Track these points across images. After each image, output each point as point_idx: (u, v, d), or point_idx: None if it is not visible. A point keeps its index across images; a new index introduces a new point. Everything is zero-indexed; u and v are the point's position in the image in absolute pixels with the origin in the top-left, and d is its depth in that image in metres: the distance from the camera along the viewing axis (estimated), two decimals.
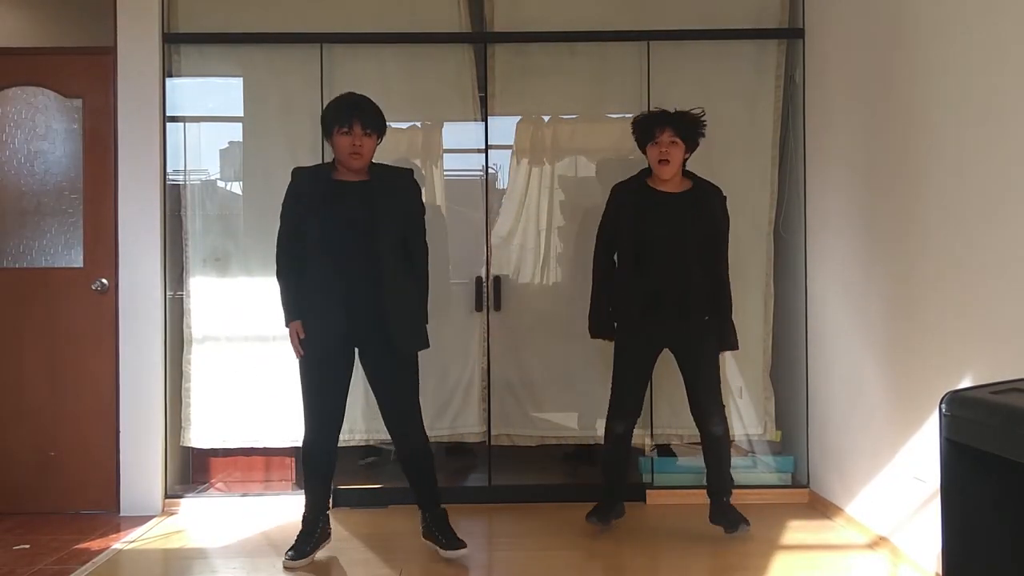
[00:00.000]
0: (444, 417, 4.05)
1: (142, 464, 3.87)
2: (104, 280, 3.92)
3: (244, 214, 4.11)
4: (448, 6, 4.09)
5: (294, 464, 4.13)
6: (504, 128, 4.15)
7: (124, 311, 3.88)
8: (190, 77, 4.07)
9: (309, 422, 3.21)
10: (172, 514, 3.87)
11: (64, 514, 3.86)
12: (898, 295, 3.16)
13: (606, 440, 3.49)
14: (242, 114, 4.11)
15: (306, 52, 4.03)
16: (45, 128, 3.98)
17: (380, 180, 3.18)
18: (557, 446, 4.22)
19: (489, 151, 4.09)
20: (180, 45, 4.03)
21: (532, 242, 4.14)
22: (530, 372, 4.11)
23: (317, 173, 3.25)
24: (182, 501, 3.93)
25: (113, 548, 3.42)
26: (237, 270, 4.06)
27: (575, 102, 4.17)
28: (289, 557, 3.19)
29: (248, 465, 4.16)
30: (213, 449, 4.09)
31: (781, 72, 4.10)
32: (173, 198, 4.04)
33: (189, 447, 4.06)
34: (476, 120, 4.10)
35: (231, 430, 4.03)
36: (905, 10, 3.10)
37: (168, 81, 4.00)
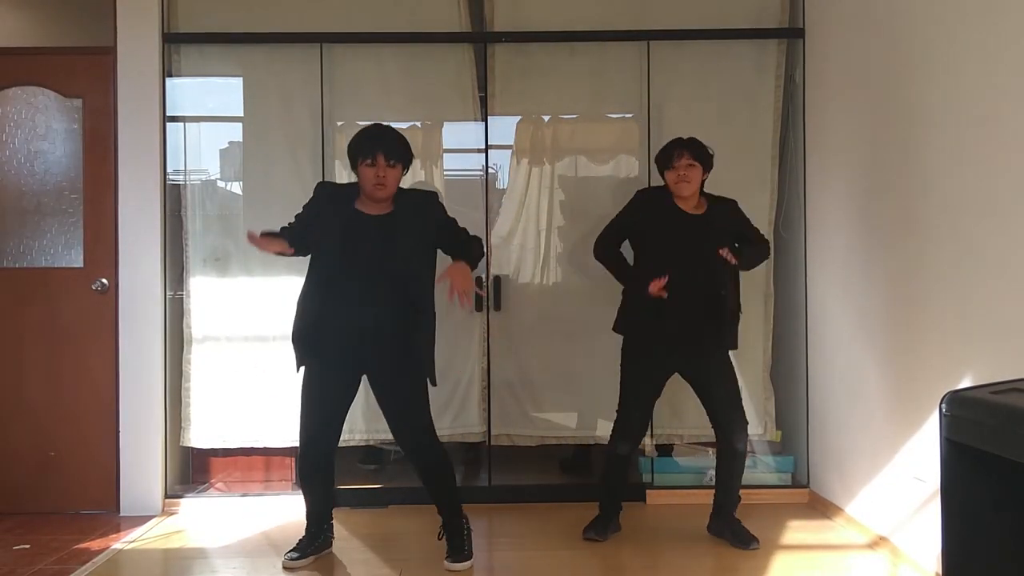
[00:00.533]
0: (444, 417, 4.04)
1: (142, 464, 3.87)
2: (104, 280, 3.92)
3: (244, 214, 4.11)
4: (448, 6, 4.09)
5: (294, 464, 4.13)
6: (504, 128, 4.15)
7: (124, 311, 3.88)
8: (190, 77, 4.08)
9: (302, 435, 3.18)
10: (172, 514, 3.87)
11: (64, 514, 3.86)
12: (898, 295, 3.17)
13: (609, 458, 3.46)
14: (242, 114, 4.12)
15: (306, 52, 4.03)
16: (45, 128, 3.98)
17: (403, 211, 3.11)
18: (557, 447, 4.21)
19: (489, 151, 4.09)
20: (180, 45, 4.03)
21: (532, 242, 4.14)
22: (530, 372, 4.11)
23: (342, 196, 3.15)
24: (182, 501, 3.93)
25: (113, 548, 3.42)
26: (237, 270, 4.06)
27: (575, 102, 4.17)
28: (291, 558, 3.19)
29: (248, 465, 4.16)
30: (213, 449, 4.09)
31: (781, 72, 4.11)
32: (173, 198, 4.04)
33: (189, 447, 4.06)
34: (476, 120, 4.10)
35: (231, 430, 4.03)
36: (905, 10, 3.10)
37: (168, 81, 4.00)
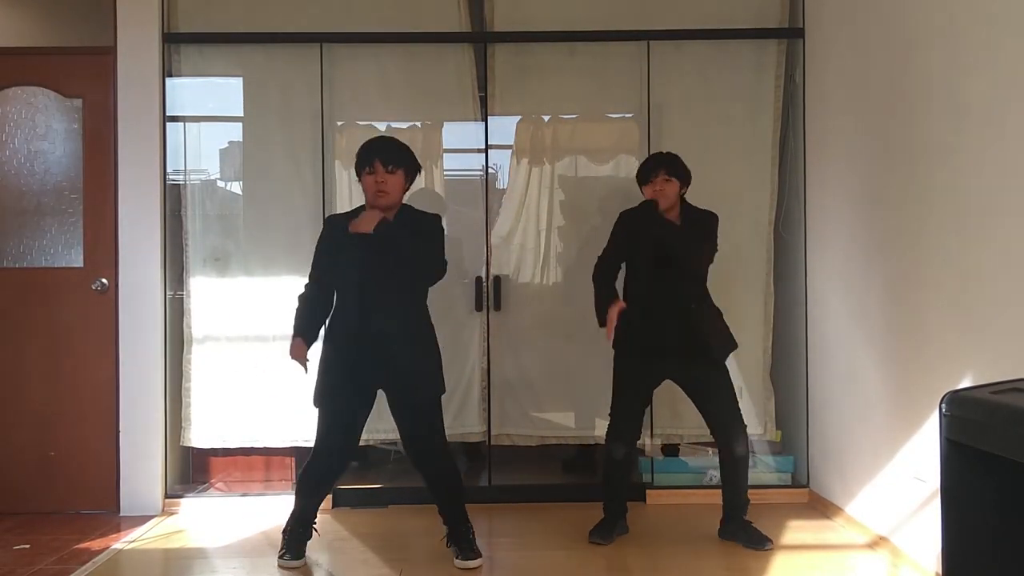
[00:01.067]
0: (444, 417, 4.03)
1: (142, 464, 3.87)
2: (104, 280, 3.92)
3: (244, 214, 4.11)
4: (448, 6, 4.09)
5: (294, 464, 4.14)
6: (504, 128, 4.15)
7: (124, 311, 3.88)
8: (190, 77, 4.08)
9: (318, 447, 3.16)
10: (172, 514, 3.88)
11: (64, 514, 3.86)
12: (898, 295, 3.17)
13: (607, 461, 3.46)
14: (242, 114, 4.12)
15: (306, 52, 4.03)
16: (45, 128, 3.98)
17: (400, 224, 3.09)
18: (557, 447, 4.21)
19: (489, 151, 4.09)
20: (180, 45, 4.03)
21: (532, 242, 4.14)
22: (530, 372, 4.11)
23: (345, 222, 3.13)
24: (182, 501, 3.93)
25: (113, 548, 3.42)
26: (237, 270, 4.06)
27: (575, 102, 4.17)
28: (288, 559, 3.18)
29: (248, 465, 4.17)
30: (213, 449, 4.10)
31: (781, 72, 4.11)
32: (173, 198, 4.04)
33: (189, 447, 4.06)
34: (476, 120, 4.10)
35: (231, 430, 4.03)
36: (905, 10, 3.10)
37: (168, 81, 4.00)
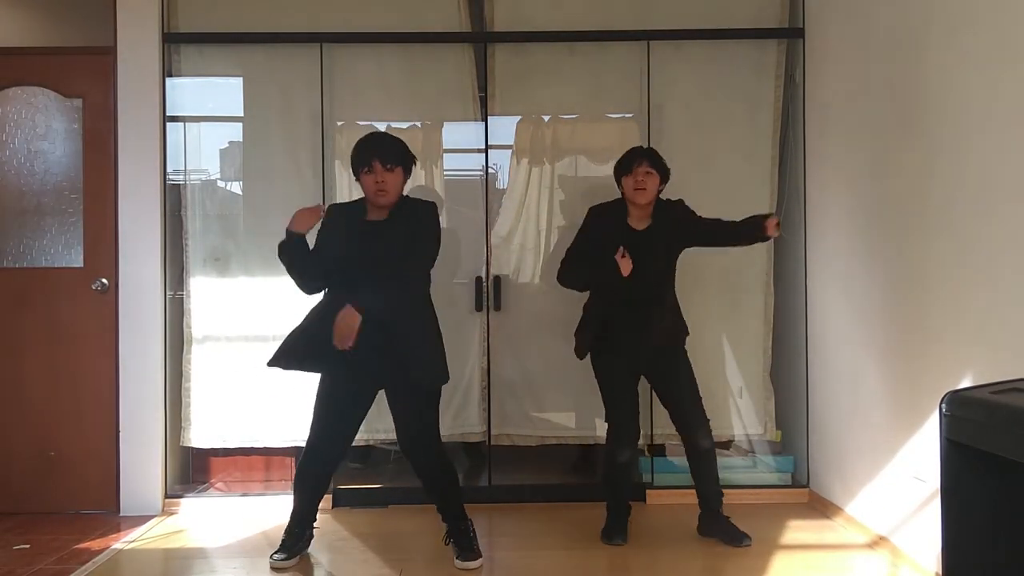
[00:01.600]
0: (444, 417, 4.01)
1: (142, 464, 3.87)
2: (104, 280, 3.92)
3: (244, 214, 4.11)
4: (448, 6, 4.09)
5: (294, 464, 4.13)
6: (504, 128, 4.14)
7: (124, 311, 3.88)
8: (190, 77, 4.08)
9: (311, 441, 3.19)
10: (172, 514, 3.88)
11: (64, 514, 3.86)
12: (898, 295, 3.17)
13: (610, 463, 3.44)
14: (242, 114, 4.12)
15: (306, 52, 4.03)
16: (45, 128, 3.98)
17: (399, 216, 3.11)
18: (557, 447, 4.21)
19: (489, 151, 4.09)
20: (180, 45, 4.03)
21: (532, 242, 4.14)
22: (530, 372, 4.11)
23: (350, 211, 3.18)
24: (182, 501, 3.93)
25: (113, 548, 3.42)
26: (237, 270, 4.06)
27: (575, 102, 4.17)
28: (279, 559, 3.17)
29: (248, 465, 4.16)
30: (213, 449, 4.09)
31: (781, 72, 4.11)
32: (173, 198, 4.04)
33: (189, 447, 4.06)
34: (476, 120, 4.10)
35: (231, 430, 4.03)
36: (905, 10, 3.10)
37: (168, 81, 4.00)
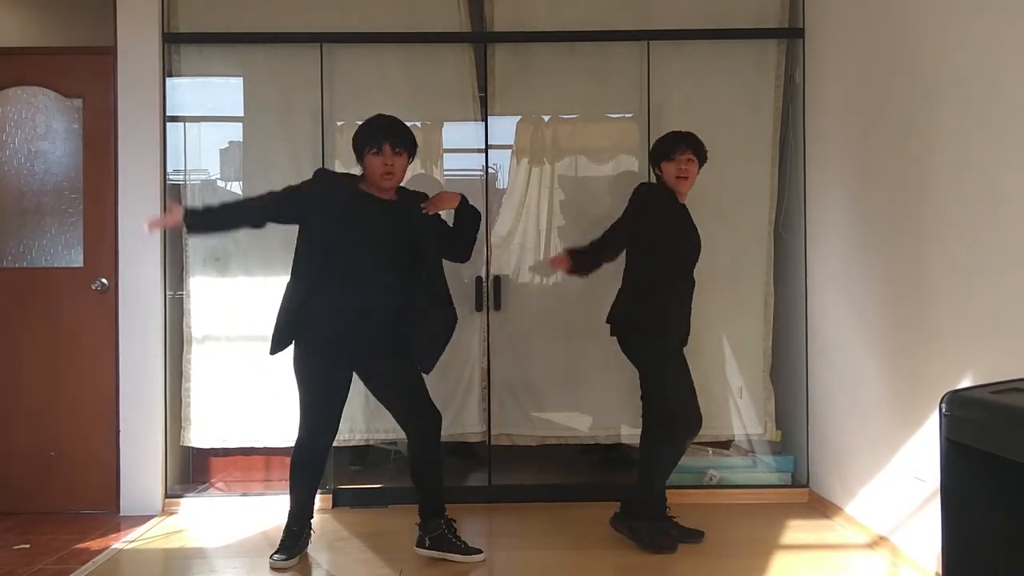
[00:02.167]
0: (444, 417, 4.02)
1: (142, 464, 3.87)
2: (104, 280, 3.92)
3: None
4: (448, 6, 4.09)
5: None
6: (504, 128, 4.14)
7: (124, 311, 3.88)
8: (190, 77, 4.08)
9: (307, 425, 3.21)
10: (172, 514, 3.87)
11: (64, 514, 3.86)
12: (898, 295, 3.17)
13: (670, 456, 3.36)
14: (242, 114, 4.11)
15: (306, 52, 4.03)
16: (45, 128, 3.98)
17: (405, 201, 3.20)
18: (557, 447, 4.21)
19: (489, 151, 4.08)
20: (180, 45, 4.03)
21: (532, 242, 4.14)
22: (530, 372, 4.10)
23: (343, 181, 3.21)
24: (182, 501, 3.93)
25: (113, 548, 3.42)
26: (237, 270, 4.06)
27: (575, 102, 4.17)
28: (279, 559, 3.17)
29: (248, 465, 4.16)
30: (213, 449, 4.10)
31: (781, 72, 4.11)
32: (173, 198, 4.04)
33: (189, 447, 4.06)
34: (476, 120, 4.10)
35: (231, 430, 4.03)
36: (905, 9, 3.10)
37: (168, 81, 4.00)
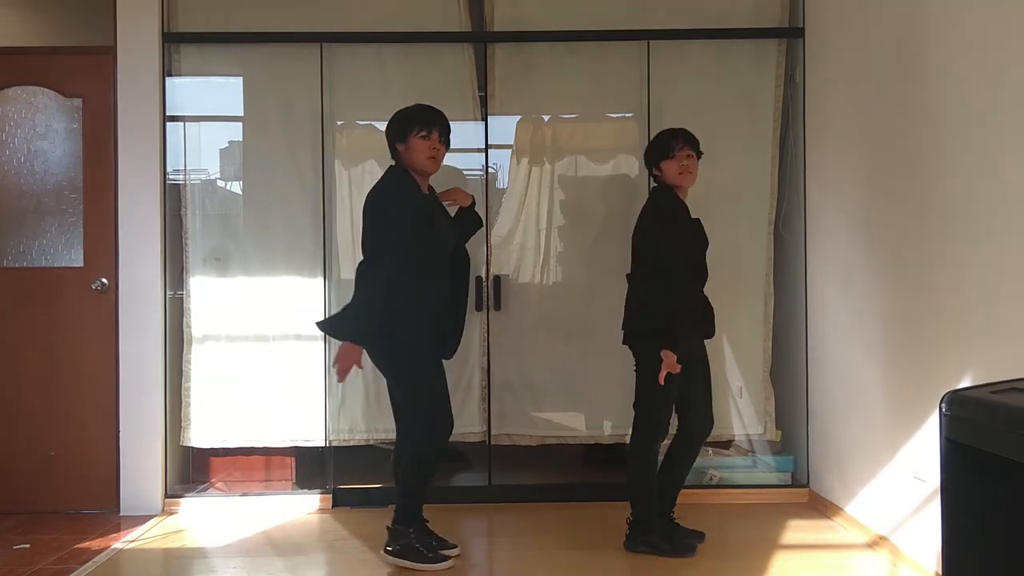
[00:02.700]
0: None
1: (142, 464, 3.87)
2: (104, 280, 3.92)
3: (244, 214, 4.11)
4: (448, 6, 4.09)
5: (294, 464, 4.13)
6: (504, 128, 4.14)
7: (124, 311, 3.88)
8: (190, 77, 4.08)
9: (429, 413, 3.10)
10: (172, 514, 3.88)
11: (64, 514, 3.86)
12: (898, 295, 3.16)
13: (651, 465, 3.30)
14: (242, 114, 4.11)
15: (306, 52, 4.03)
16: (45, 128, 3.98)
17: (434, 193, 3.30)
18: (557, 447, 4.21)
19: (489, 151, 4.08)
20: (180, 45, 4.03)
21: (532, 242, 4.14)
22: (530, 372, 4.10)
23: (409, 184, 3.13)
24: (182, 501, 3.93)
25: (113, 548, 3.42)
26: (237, 270, 4.06)
27: (575, 102, 4.17)
28: (451, 553, 3.11)
29: (248, 465, 4.16)
30: (213, 449, 4.09)
31: (781, 71, 4.11)
32: (173, 198, 4.04)
33: (189, 447, 4.06)
34: (476, 120, 4.09)
35: (231, 430, 4.03)
36: (905, 9, 3.10)
37: (168, 81, 4.00)
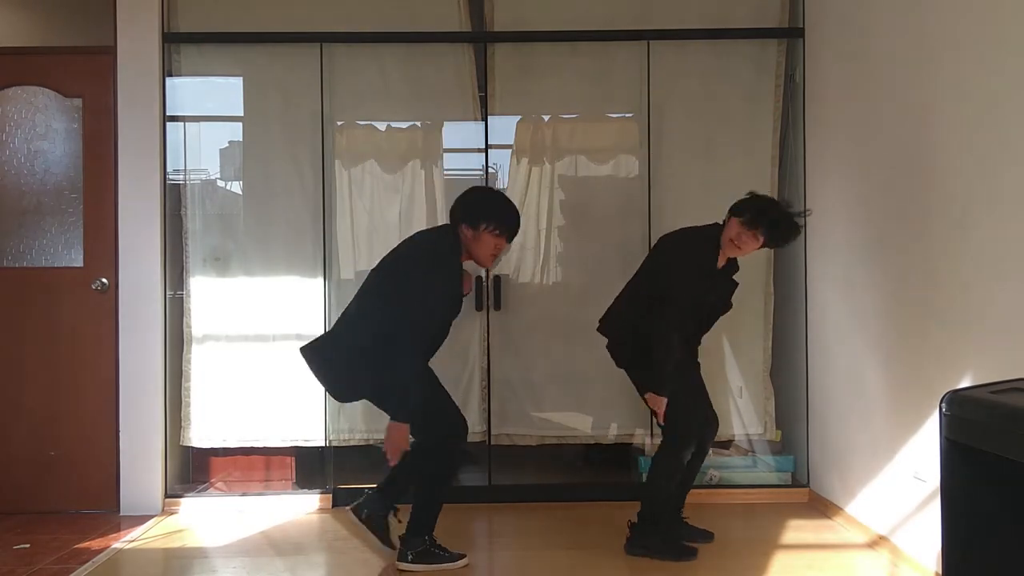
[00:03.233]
0: None
1: (142, 464, 3.87)
2: (104, 280, 3.92)
3: (244, 214, 4.11)
4: (448, 6, 4.09)
5: (294, 464, 4.13)
6: (504, 128, 4.14)
7: (124, 311, 3.88)
8: (190, 77, 4.08)
9: (442, 453, 3.13)
10: (172, 514, 3.88)
11: (64, 514, 3.86)
12: (898, 294, 3.16)
13: (679, 471, 3.31)
14: (242, 114, 4.12)
15: (306, 52, 4.03)
16: (45, 128, 3.98)
17: None
18: (557, 447, 4.21)
19: (489, 151, 4.09)
20: (180, 45, 4.03)
21: (532, 242, 4.14)
22: (530, 372, 4.11)
23: (460, 268, 3.12)
24: (182, 501, 3.93)
25: (113, 548, 3.42)
26: (237, 270, 4.06)
27: (575, 102, 4.17)
28: (457, 555, 3.11)
29: (248, 465, 4.16)
30: (213, 449, 4.09)
31: (781, 72, 4.11)
32: (173, 198, 4.04)
33: (189, 447, 4.06)
34: (476, 120, 4.10)
35: (231, 429, 4.03)
36: (904, 9, 3.10)
37: (168, 81, 4.00)
